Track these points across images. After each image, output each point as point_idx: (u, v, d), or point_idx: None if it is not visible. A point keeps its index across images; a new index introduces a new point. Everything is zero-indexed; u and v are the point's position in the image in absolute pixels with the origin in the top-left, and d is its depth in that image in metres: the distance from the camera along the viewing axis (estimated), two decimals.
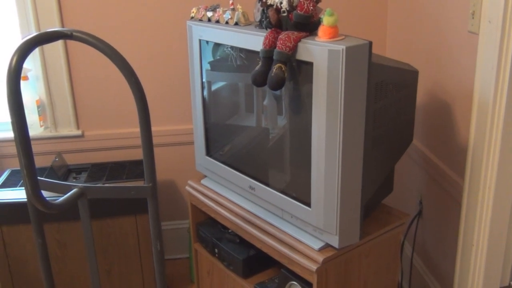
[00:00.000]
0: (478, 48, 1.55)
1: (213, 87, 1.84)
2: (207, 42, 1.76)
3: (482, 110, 1.54)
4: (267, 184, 1.65)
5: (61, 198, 1.24)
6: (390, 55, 2.43)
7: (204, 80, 1.83)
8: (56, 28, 1.89)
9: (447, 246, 1.91)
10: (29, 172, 1.08)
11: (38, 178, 1.15)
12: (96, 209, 2.00)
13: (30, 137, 1.11)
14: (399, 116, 1.64)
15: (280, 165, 1.62)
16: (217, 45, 1.74)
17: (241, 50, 1.63)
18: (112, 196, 1.30)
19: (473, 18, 1.60)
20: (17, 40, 2.28)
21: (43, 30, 1.14)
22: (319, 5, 1.41)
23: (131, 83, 1.14)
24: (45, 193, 1.18)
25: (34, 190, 1.10)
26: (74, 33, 1.14)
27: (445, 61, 1.86)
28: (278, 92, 1.54)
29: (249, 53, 1.60)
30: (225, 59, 1.72)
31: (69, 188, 1.29)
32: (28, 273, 2.12)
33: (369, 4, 2.40)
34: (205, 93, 1.85)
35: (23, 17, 2.23)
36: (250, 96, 1.69)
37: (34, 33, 1.13)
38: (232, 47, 1.66)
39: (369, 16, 2.42)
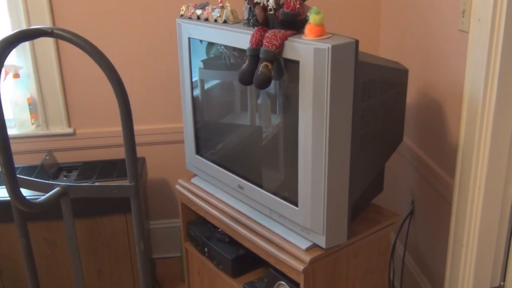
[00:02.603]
0: (468, 47, 1.53)
1: (203, 86, 1.82)
2: (200, 40, 1.74)
3: (472, 109, 1.53)
4: (255, 183, 1.64)
5: (43, 197, 1.23)
6: (383, 54, 2.41)
7: (193, 78, 1.82)
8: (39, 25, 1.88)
9: (439, 246, 1.90)
10: (7, 171, 1.07)
11: (20, 176, 1.14)
12: (85, 208, 2.00)
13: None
14: (388, 115, 1.62)
15: (267, 164, 1.61)
16: (206, 43, 1.72)
17: (230, 48, 1.62)
18: (94, 195, 1.29)
19: (463, 16, 1.58)
20: None
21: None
22: (307, 3, 1.40)
23: (112, 81, 1.13)
24: (30, 192, 1.18)
25: (13, 188, 1.09)
26: (54, 31, 1.13)
27: (436, 59, 1.84)
28: (265, 91, 1.53)
29: (238, 52, 1.58)
30: (214, 58, 1.71)
31: (51, 186, 1.28)
32: (17, 271, 2.11)
33: (362, 3, 2.39)
34: (195, 91, 1.84)
35: (14, 15, 2.22)
36: (238, 95, 1.68)
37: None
38: (221, 46, 1.65)
39: (363, 15, 2.40)
